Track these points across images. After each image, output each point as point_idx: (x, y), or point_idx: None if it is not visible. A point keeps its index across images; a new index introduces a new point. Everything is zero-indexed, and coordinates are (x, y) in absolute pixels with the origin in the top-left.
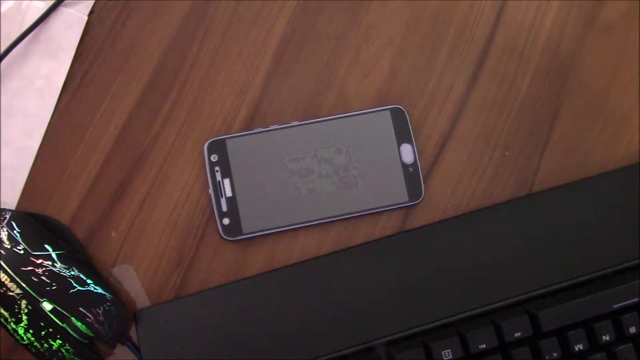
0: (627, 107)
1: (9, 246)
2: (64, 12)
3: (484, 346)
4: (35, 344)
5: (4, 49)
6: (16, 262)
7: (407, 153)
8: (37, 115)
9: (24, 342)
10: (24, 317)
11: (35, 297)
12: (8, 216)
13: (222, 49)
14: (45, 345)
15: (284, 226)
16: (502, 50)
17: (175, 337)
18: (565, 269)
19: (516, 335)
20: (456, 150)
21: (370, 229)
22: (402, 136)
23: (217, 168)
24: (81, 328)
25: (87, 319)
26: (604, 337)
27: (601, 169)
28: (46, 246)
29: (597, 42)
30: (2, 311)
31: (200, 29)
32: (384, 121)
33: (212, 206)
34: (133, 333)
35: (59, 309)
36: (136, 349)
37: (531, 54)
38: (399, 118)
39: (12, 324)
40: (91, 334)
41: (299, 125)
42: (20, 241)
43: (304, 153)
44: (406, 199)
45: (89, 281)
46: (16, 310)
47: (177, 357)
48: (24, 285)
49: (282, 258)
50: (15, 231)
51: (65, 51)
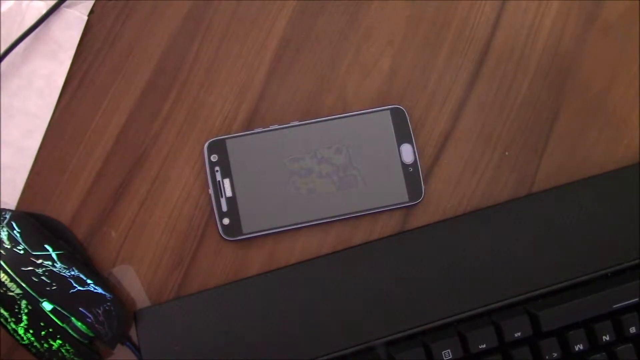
0: (627, 107)
1: (9, 246)
2: (64, 12)
3: (484, 346)
4: (35, 344)
5: (4, 49)
6: (16, 262)
7: (407, 153)
8: (37, 115)
9: (24, 342)
10: (24, 317)
11: (35, 297)
12: (8, 216)
13: (222, 49)
14: (45, 345)
15: (284, 226)
16: (502, 50)
17: (175, 337)
18: (565, 269)
19: (516, 335)
20: (456, 150)
21: (370, 229)
22: (402, 136)
23: (217, 168)
24: (81, 328)
25: (87, 319)
26: (604, 337)
27: (601, 169)
28: (46, 246)
29: (597, 42)
30: (2, 311)
31: (200, 29)
32: (384, 121)
33: (212, 206)
34: (133, 333)
35: (59, 309)
36: (136, 349)
37: (531, 54)
38: (399, 118)
39: (12, 324)
40: (91, 334)
41: (299, 125)
42: (21, 241)
43: (304, 153)
44: (406, 199)
45: (89, 281)
46: (16, 310)
47: (177, 357)
48: (24, 286)
49: (282, 258)
50: (15, 231)
51: (65, 51)
